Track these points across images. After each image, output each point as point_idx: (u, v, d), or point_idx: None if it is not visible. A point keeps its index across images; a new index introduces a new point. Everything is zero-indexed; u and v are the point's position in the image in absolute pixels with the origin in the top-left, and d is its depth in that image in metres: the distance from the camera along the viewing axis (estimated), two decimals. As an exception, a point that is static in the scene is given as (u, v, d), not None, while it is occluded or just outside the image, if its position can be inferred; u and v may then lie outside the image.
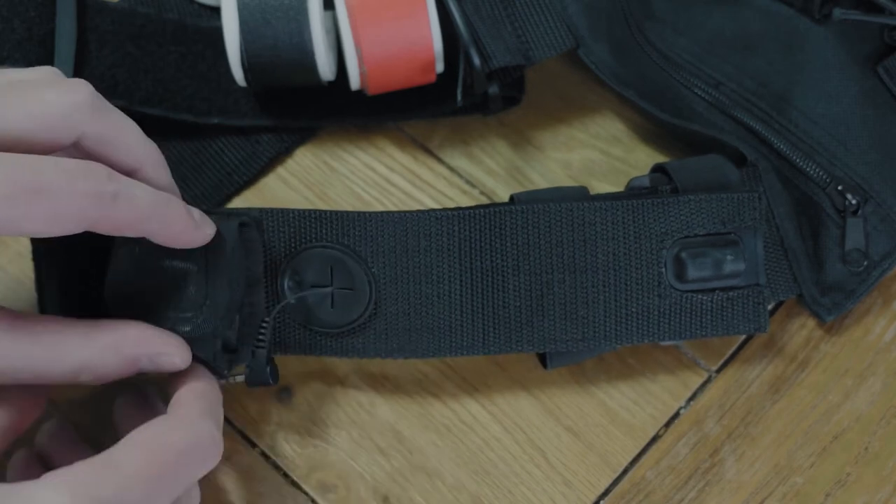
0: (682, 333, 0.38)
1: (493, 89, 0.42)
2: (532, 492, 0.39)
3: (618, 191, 0.40)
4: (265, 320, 0.36)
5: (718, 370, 0.41)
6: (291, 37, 0.40)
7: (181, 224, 0.32)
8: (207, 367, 0.35)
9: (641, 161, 0.45)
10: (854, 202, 0.42)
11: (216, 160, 0.45)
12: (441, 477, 0.39)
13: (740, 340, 0.42)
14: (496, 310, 0.38)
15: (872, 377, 0.41)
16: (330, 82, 0.43)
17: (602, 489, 0.39)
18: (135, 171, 0.32)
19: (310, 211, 0.37)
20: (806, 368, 0.41)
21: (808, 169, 0.42)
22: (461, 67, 0.41)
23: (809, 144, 0.43)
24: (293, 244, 0.37)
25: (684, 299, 0.37)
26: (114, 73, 0.43)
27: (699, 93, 0.44)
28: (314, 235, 0.37)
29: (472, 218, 0.37)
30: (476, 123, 0.46)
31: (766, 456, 0.40)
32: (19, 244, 0.43)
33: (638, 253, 0.37)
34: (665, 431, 0.40)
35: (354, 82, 0.42)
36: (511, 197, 0.39)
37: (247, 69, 0.41)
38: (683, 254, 0.37)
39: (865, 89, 0.43)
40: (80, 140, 0.31)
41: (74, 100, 0.30)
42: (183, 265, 0.35)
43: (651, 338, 0.38)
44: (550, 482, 0.39)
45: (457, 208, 0.38)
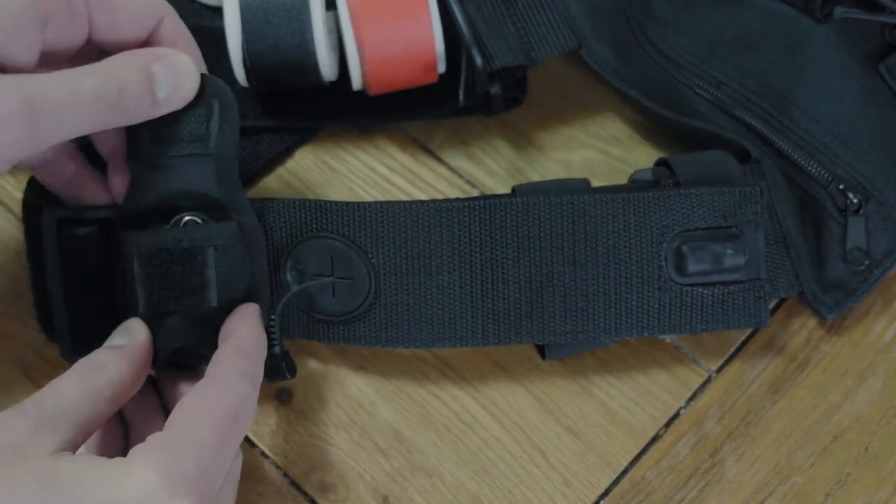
0: (682, 327, 0.38)
1: (496, 89, 0.42)
2: (532, 492, 0.39)
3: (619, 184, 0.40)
4: (273, 318, 0.37)
5: (718, 370, 0.41)
6: (293, 37, 0.40)
7: None
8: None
9: (641, 161, 0.45)
10: (856, 201, 0.41)
11: (217, 160, 0.45)
12: (441, 477, 0.39)
13: (740, 340, 0.42)
14: (496, 301, 0.38)
15: (872, 377, 0.41)
16: (331, 83, 0.43)
17: (602, 489, 0.39)
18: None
19: (311, 200, 0.38)
20: (806, 368, 0.41)
21: (810, 168, 0.42)
22: (463, 67, 0.41)
23: (811, 143, 0.43)
24: (294, 233, 0.38)
25: (684, 293, 0.37)
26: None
27: (701, 92, 0.44)
28: (315, 225, 0.38)
29: (473, 209, 0.37)
30: (476, 124, 0.46)
31: (767, 456, 0.40)
32: (19, 244, 0.43)
33: (638, 246, 0.37)
34: (665, 431, 0.40)
35: (356, 82, 0.42)
36: (513, 189, 0.39)
37: (248, 69, 0.41)
38: (684, 247, 0.37)
39: (867, 88, 0.43)
40: None
41: None
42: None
43: (651, 331, 0.38)
44: (550, 482, 0.39)
45: (457, 199, 0.38)
